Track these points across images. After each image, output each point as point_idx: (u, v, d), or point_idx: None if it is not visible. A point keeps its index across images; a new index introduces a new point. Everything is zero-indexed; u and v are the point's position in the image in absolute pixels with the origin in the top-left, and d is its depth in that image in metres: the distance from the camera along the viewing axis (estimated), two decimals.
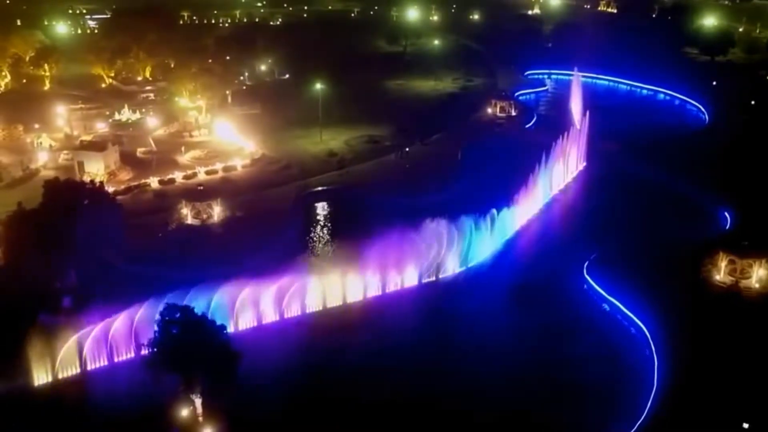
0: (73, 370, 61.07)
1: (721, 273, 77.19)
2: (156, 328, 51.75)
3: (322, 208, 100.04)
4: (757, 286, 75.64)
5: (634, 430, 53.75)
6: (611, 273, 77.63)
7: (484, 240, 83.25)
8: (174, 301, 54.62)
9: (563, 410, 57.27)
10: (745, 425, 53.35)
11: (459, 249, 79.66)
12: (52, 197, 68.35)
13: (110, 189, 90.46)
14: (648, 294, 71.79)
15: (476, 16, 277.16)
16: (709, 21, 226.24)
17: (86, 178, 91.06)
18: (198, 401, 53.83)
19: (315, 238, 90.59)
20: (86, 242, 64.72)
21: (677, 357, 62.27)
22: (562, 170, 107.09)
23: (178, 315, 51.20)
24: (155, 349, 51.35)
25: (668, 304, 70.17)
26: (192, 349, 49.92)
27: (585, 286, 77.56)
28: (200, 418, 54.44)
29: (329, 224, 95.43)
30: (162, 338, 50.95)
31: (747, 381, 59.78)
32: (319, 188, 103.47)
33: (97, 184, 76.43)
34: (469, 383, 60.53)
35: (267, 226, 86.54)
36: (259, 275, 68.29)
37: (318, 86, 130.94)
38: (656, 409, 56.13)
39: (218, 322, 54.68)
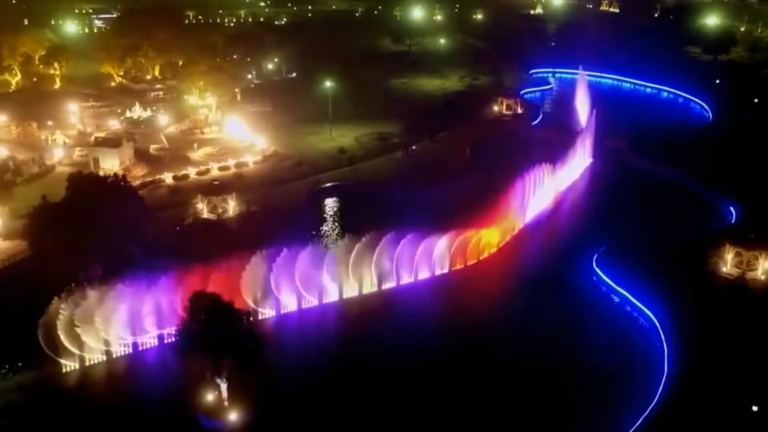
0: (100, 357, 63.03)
1: (727, 265, 78.94)
2: (185, 314, 53.44)
3: (343, 202, 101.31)
4: (763, 278, 77.38)
5: (648, 412, 55.54)
6: (620, 265, 79.36)
7: (495, 233, 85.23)
8: None
9: (582, 392, 59.47)
10: (755, 408, 55.12)
11: (475, 241, 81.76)
12: (77, 190, 69.91)
13: None
14: (657, 286, 73.49)
15: (479, 16, 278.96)
16: (711, 20, 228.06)
17: (101, 174, 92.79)
18: (224, 386, 55.55)
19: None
20: (111, 234, 66.25)
21: (686, 346, 64.00)
22: (569, 167, 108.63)
23: (205, 302, 52.85)
24: (184, 335, 53.02)
25: (676, 296, 71.82)
26: (220, 334, 51.60)
27: (594, 278, 79.36)
28: (225, 403, 56.18)
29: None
30: (191, 324, 52.65)
31: (755, 368, 61.53)
32: (339, 183, 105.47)
33: (120, 177, 77.78)
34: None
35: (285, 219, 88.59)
36: None
37: (327, 84, 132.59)
38: (668, 393, 58.00)
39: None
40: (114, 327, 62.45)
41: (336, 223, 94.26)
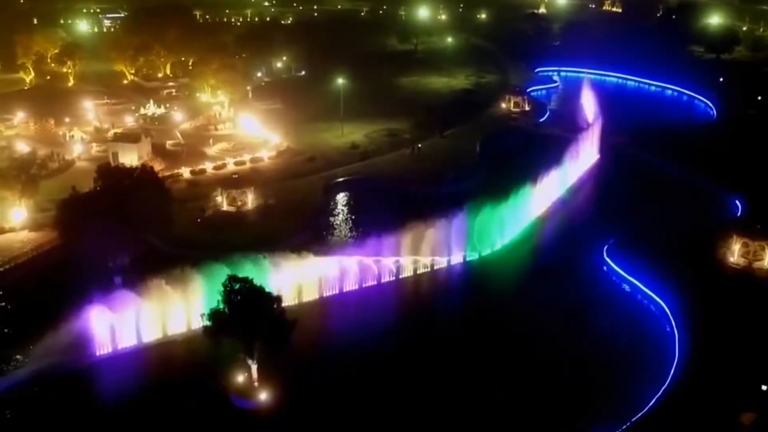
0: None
1: (735, 255, 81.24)
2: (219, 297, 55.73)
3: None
4: None
5: (661, 392, 58.01)
6: (629, 256, 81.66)
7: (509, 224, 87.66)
8: None
9: (598, 374, 61.96)
10: (764, 387, 57.50)
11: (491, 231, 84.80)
12: (106, 181, 72.20)
13: None
14: (666, 275, 75.73)
15: (483, 15, 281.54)
16: (713, 20, 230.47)
17: None
18: (254, 367, 57.81)
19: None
20: (140, 223, 68.57)
21: (696, 331, 66.22)
22: (577, 162, 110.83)
23: (238, 286, 55.14)
24: (218, 317, 55.30)
25: (686, 284, 74.00)
26: (253, 316, 53.90)
27: (605, 268, 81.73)
28: (255, 383, 58.45)
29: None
30: (225, 306, 54.94)
31: (762, 351, 63.79)
32: (354, 177, 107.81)
33: (149, 168, 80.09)
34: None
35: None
36: None
37: (339, 82, 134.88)
38: (680, 374, 60.41)
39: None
40: None
41: (355, 215, 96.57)
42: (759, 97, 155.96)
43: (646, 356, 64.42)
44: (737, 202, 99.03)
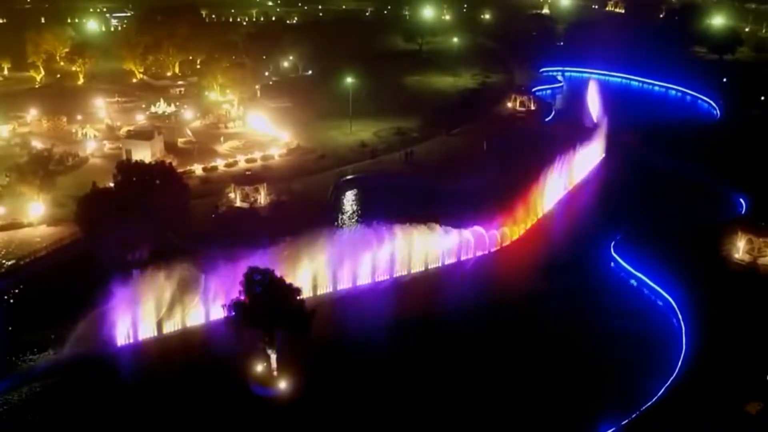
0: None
1: (739, 252, 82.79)
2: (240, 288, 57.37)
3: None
4: None
5: (668, 383, 59.62)
6: (636, 252, 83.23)
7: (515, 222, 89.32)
8: None
9: (608, 367, 63.33)
10: None
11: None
12: (126, 176, 73.84)
13: None
14: (673, 271, 77.26)
15: (487, 15, 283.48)
16: (716, 21, 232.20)
17: None
18: (273, 357, 59.42)
19: None
20: (160, 217, 70.18)
21: (703, 325, 67.67)
22: (583, 161, 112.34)
23: (259, 277, 56.76)
24: (240, 308, 56.91)
25: (692, 280, 75.53)
26: (274, 307, 55.52)
27: (612, 264, 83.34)
28: (275, 373, 60.06)
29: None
30: (246, 297, 56.56)
31: (767, 343, 65.40)
32: (364, 174, 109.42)
33: (168, 164, 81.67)
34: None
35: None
36: None
37: (348, 81, 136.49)
38: (687, 367, 61.97)
39: None
40: None
41: (366, 210, 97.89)
42: (762, 98, 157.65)
43: (654, 348, 65.98)
44: (741, 199, 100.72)
